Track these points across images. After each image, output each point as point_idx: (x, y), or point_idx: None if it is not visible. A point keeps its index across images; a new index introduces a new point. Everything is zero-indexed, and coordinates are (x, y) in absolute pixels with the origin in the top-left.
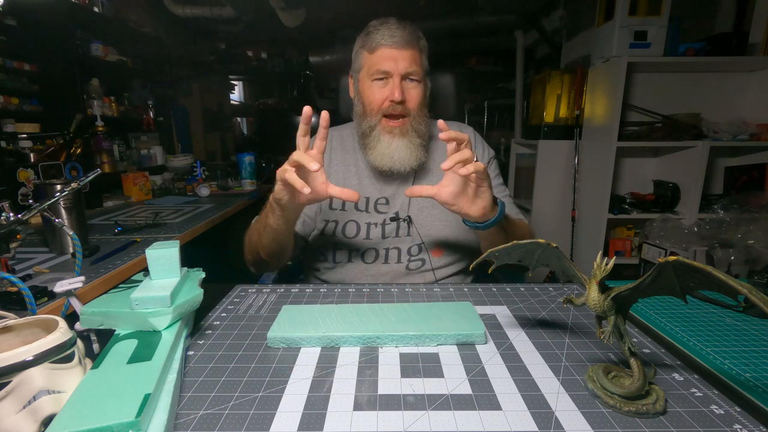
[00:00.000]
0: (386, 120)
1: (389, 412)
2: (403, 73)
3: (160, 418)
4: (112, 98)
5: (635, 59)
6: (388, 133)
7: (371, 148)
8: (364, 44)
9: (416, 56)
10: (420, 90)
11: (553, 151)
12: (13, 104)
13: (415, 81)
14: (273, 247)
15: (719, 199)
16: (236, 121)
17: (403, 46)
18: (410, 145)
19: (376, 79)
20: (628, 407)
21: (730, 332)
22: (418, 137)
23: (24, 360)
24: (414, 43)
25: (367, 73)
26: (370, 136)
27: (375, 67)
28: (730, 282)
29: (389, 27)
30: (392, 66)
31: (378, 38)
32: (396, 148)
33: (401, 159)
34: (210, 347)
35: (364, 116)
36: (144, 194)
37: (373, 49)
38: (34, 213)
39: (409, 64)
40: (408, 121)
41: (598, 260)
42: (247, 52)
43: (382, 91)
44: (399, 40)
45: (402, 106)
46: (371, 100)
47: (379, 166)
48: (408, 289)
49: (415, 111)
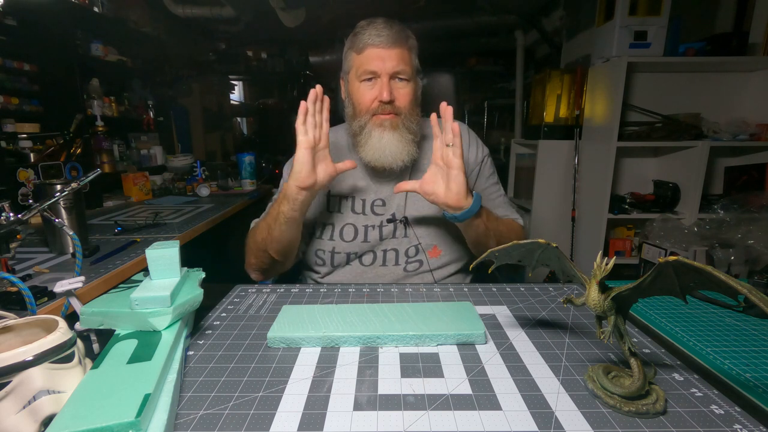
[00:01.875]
0: (376, 116)
1: (389, 412)
2: (391, 72)
3: (160, 418)
4: (112, 98)
5: (635, 59)
6: (379, 127)
7: (363, 145)
8: (352, 45)
9: (405, 55)
10: (410, 89)
11: (553, 151)
12: (13, 104)
13: (404, 80)
14: (284, 238)
15: (719, 199)
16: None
17: (391, 46)
18: (401, 140)
19: (365, 80)
20: (628, 407)
21: (730, 332)
22: (410, 133)
23: (24, 360)
24: (402, 42)
25: (356, 73)
26: (361, 135)
27: (363, 67)
28: (730, 282)
29: (376, 27)
30: (380, 66)
31: (365, 38)
32: (387, 142)
33: (393, 153)
34: (210, 347)
35: (355, 117)
36: (144, 194)
37: (360, 49)
38: (34, 213)
39: (396, 63)
40: (399, 118)
41: (598, 260)
42: (247, 52)
43: (370, 91)
44: (386, 40)
45: (391, 105)
46: (360, 100)
47: (372, 162)
48: (408, 289)
49: (405, 110)
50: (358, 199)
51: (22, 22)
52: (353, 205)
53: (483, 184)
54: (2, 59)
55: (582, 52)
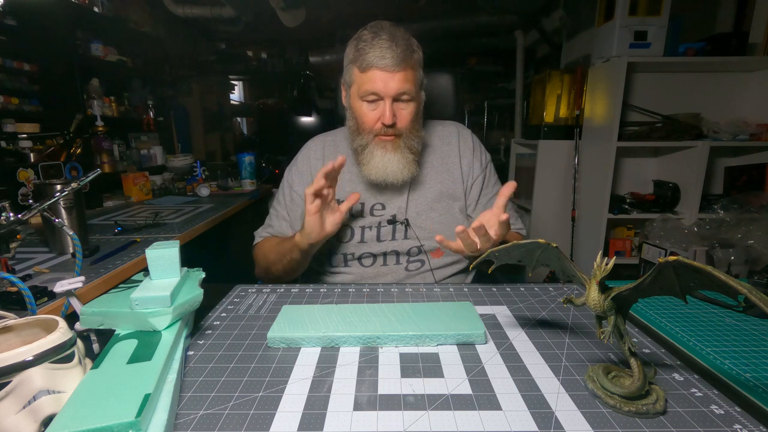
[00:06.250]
0: (378, 137)
1: (389, 412)
2: (394, 95)
3: (160, 418)
4: (112, 98)
5: (635, 59)
6: (381, 148)
7: (365, 164)
8: (355, 60)
9: (409, 75)
10: (412, 108)
11: (553, 151)
12: (13, 104)
13: (407, 101)
14: (293, 269)
15: (719, 199)
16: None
17: (395, 68)
18: (402, 160)
19: (367, 101)
20: (628, 407)
21: (730, 332)
22: (411, 153)
23: (24, 360)
24: (407, 61)
25: (358, 91)
26: (363, 154)
27: (365, 87)
28: (730, 282)
29: (381, 46)
30: (382, 88)
31: (369, 59)
32: (389, 162)
33: (394, 172)
34: (210, 347)
35: (357, 133)
36: (144, 194)
37: (363, 68)
38: (34, 213)
39: (400, 86)
40: (400, 140)
41: (598, 260)
42: (247, 52)
43: (373, 113)
44: (390, 62)
45: (393, 128)
46: (363, 120)
47: (374, 179)
48: (408, 289)
49: (406, 130)
50: (357, 203)
51: (22, 22)
52: (351, 208)
53: (489, 192)
54: (2, 59)
55: (582, 52)
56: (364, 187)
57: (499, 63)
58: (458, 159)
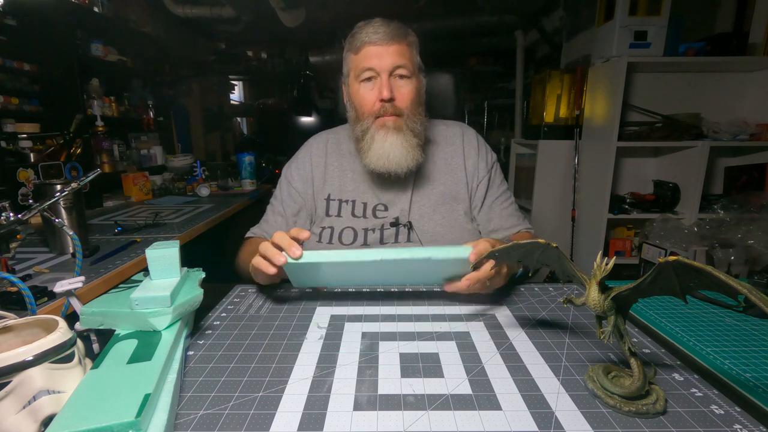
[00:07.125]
0: (378, 119)
1: (389, 412)
2: (390, 69)
3: (160, 418)
4: (112, 98)
5: (635, 59)
6: (382, 129)
7: (366, 150)
8: (350, 47)
9: (404, 50)
10: (411, 87)
11: (553, 151)
12: (13, 104)
13: (405, 78)
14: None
15: (719, 199)
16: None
17: (388, 42)
18: (405, 144)
19: (364, 80)
20: (628, 407)
21: (730, 332)
22: (414, 136)
23: (24, 360)
24: (400, 37)
25: (355, 74)
26: (363, 140)
27: (360, 65)
28: (730, 282)
29: (373, 25)
30: (377, 63)
31: (362, 37)
32: (391, 145)
33: (397, 158)
34: (210, 347)
35: (357, 120)
36: (144, 194)
37: (357, 49)
38: (34, 213)
39: (395, 59)
40: (401, 119)
41: (598, 260)
42: (247, 52)
43: (371, 92)
44: (383, 36)
45: (393, 105)
46: (361, 103)
47: (376, 167)
48: (408, 289)
49: (408, 110)
50: (359, 203)
51: (22, 22)
52: (353, 209)
53: (495, 192)
54: (2, 59)
55: (582, 52)
56: (367, 185)
57: (499, 63)
58: (462, 160)
